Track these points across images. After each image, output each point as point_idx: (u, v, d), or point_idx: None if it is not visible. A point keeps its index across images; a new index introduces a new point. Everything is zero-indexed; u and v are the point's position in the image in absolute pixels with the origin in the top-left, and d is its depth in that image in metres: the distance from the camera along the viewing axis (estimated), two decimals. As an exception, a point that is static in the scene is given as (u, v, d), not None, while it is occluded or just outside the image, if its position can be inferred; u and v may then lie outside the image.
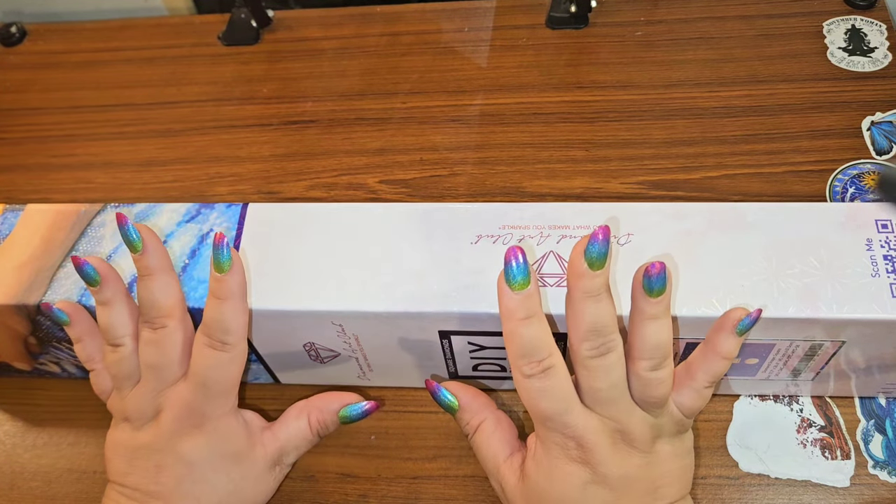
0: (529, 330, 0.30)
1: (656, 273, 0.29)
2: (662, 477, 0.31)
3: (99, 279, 0.33)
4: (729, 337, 0.31)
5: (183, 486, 0.33)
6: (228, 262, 0.32)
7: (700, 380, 0.32)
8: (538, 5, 0.57)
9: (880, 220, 0.34)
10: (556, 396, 0.30)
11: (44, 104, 0.57)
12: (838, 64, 0.51)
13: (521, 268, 0.29)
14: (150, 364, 0.33)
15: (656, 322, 0.30)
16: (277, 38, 0.59)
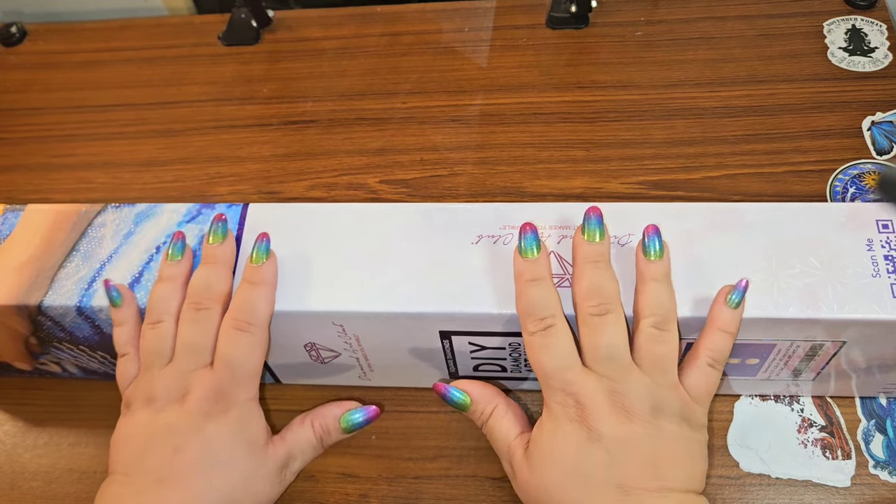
0: (535, 290, 0.32)
1: (650, 233, 0.32)
2: (665, 457, 0.31)
3: (181, 255, 0.36)
4: (724, 309, 0.32)
5: (198, 469, 0.33)
6: (266, 254, 0.35)
7: (703, 357, 0.32)
8: (538, 5, 0.57)
9: (881, 220, 0.34)
10: (556, 353, 0.31)
11: (44, 104, 0.57)
12: (839, 64, 0.51)
13: (533, 240, 0.33)
14: (188, 342, 0.34)
15: (657, 283, 0.32)
16: (277, 38, 0.59)
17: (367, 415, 0.36)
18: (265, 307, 0.34)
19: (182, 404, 0.33)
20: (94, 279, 0.37)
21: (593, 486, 0.30)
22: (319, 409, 0.37)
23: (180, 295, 0.35)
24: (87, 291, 0.37)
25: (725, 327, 0.32)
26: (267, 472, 0.34)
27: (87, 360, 0.41)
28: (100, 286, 0.37)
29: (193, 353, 0.34)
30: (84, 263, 0.38)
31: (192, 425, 0.33)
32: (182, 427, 0.33)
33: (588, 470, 0.30)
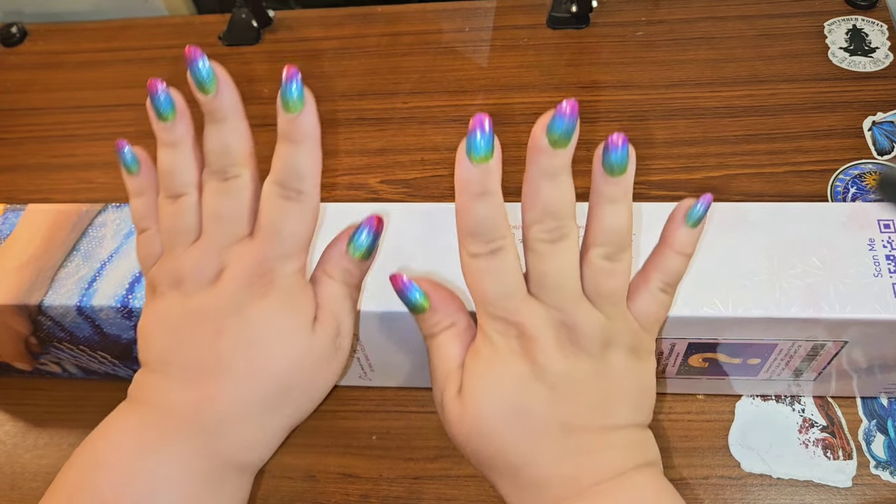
0: (484, 207, 0.27)
1: (616, 147, 0.26)
2: (613, 393, 0.28)
3: (173, 114, 0.30)
4: (681, 228, 0.28)
5: (245, 354, 0.28)
6: (301, 100, 0.28)
7: (654, 280, 0.29)
8: (539, 5, 0.57)
9: (882, 219, 0.34)
10: (501, 279, 0.27)
11: (44, 104, 0.57)
12: (839, 64, 0.51)
13: (485, 138, 0.26)
14: (217, 215, 0.29)
15: (614, 205, 0.27)
16: (278, 38, 0.59)
17: (368, 230, 0.30)
18: (313, 166, 0.29)
19: (218, 284, 0.28)
20: (94, 279, 0.37)
21: (534, 425, 0.27)
22: (322, 257, 0.31)
23: (194, 160, 0.30)
24: (87, 291, 0.37)
25: (682, 248, 0.28)
26: (321, 348, 0.29)
27: (88, 360, 0.41)
28: (100, 286, 0.37)
29: (226, 225, 0.29)
30: (84, 263, 0.37)
31: (232, 305, 0.28)
32: (221, 307, 0.28)
33: (529, 408, 0.27)
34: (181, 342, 0.29)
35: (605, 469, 0.27)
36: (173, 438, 0.28)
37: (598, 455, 0.28)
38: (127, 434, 0.28)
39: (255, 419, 0.28)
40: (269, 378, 0.28)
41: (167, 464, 0.27)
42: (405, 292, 0.30)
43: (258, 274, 0.28)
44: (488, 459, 0.29)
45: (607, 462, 0.28)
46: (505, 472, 0.28)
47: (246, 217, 0.29)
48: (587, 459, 0.28)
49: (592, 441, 0.28)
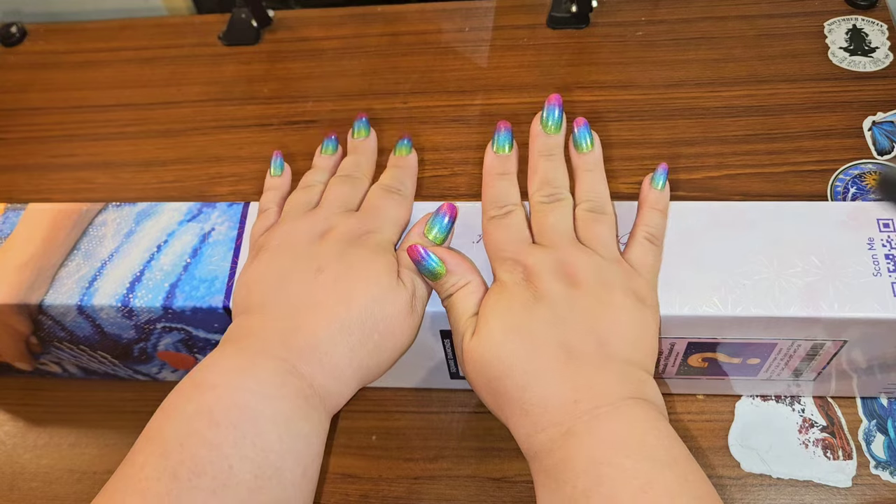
0: (502, 182, 0.35)
1: (580, 126, 0.35)
2: (609, 324, 0.30)
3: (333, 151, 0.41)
4: (652, 190, 0.35)
5: (338, 289, 0.32)
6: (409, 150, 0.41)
7: (640, 232, 0.34)
8: (539, 5, 0.57)
9: (882, 219, 0.34)
10: (511, 230, 0.33)
11: (44, 104, 0.57)
12: (839, 64, 0.51)
13: (506, 136, 0.36)
14: (334, 194, 0.37)
15: (590, 173, 0.35)
16: (278, 37, 0.59)
17: (445, 216, 0.35)
18: (412, 182, 0.38)
19: (322, 239, 0.34)
20: (94, 278, 0.37)
21: (537, 342, 0.30)
22: (405, 238, 0.36)
23: (329, 176, 0.39)
24: (87, 290, 0.37)
25: (656, 205, 0.34)
26: (400, 300, 0.33)
27: (88, 360, 0.41)
28: (101, 285, 0.37)
29: (339, 202, 0.36)
30: (85, 262, 0.37)
31: (336, 250, 0.33)
32: (322, 252, 0.33)
33: (531, 325, 0.30)
34: (283, 285, 0.33)
35: (601, 394, 0.29)
36: (266, 360, 0.30)
37: (595, 379, 0.29)
38: (226, 360, 0.30)
39: (338, 348, 0.31)
40: (353, 307, 0.32)
41: (262, 382, 0.29)
42: (423, 262, 0.33)
43: (358, 234, 0.34)
44: (498, 386, 0.30)
45: (604, 388, 0.29)
46: (511, 397, 0.30)
47: (356, 201, 0.37)
48: (584, 382, 0.29)
49: (590, 365, 0.30)
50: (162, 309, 0.36)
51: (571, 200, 0.34)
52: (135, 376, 0.43)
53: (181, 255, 0.37)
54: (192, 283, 0.36)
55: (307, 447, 0.30)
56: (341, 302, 0.32)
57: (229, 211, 0.38)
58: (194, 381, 0.30)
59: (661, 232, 0.34)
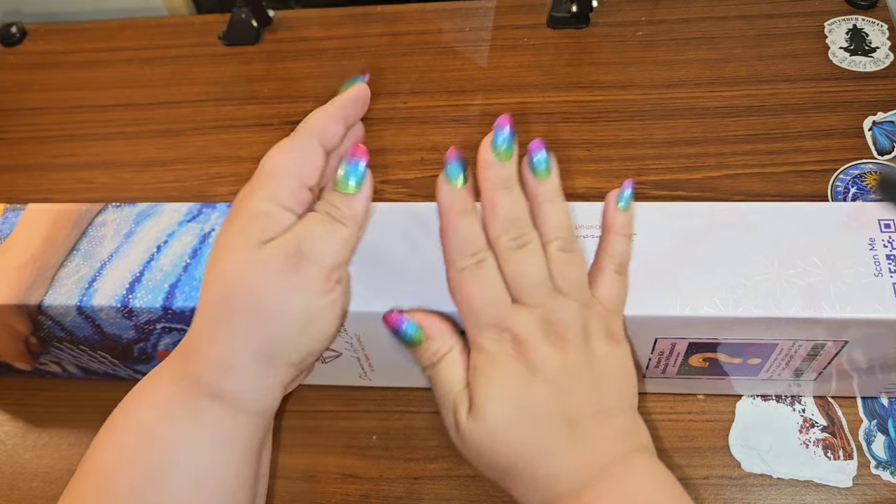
0: (465, 223, 0.30)
1: (537, 150, 0.31)
2: (602, 377, 0.30)
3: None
4: (617, 213, 0.32)
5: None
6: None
7: (607, 264, 0.32)
8: (539, 5, 0.57)
9: (883, 219, 0.34)
10: (489, 285, 0.30)
11: (44, 104, 0.57)
12: (840, 64, 0.51)
13: (461, 167, 0.30)
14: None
15: (552, 204, 0.31)
16: (278, 37, 0.58)
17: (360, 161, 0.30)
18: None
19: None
20: (94, 279, 0.37)
21: (541, 421, 0.29)
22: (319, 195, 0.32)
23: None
24: (87, 291, 0.36)
25: (621, 230, 0.32)
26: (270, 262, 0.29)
27: (88, 360, 0.41)
28: (100, 285, 0.37)
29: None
30: (84, 263, 0.37)
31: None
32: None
33: (533, 406, 0.29)
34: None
35: (606, 454, 0.29)
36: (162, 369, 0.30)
37: (599, 442, 0.29)
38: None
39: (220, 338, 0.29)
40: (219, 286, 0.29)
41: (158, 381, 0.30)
42: (400, 329, 0.32)
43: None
44: (505, 466, 0.30)
45: (607, 447, 0.29)
46: (520, 475, 0.30)
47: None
48: (589, 448, 0.29)
49: (591, 428, 0.29)
50: (162, 309, 0.36)
51: (538, 239, 0.30)
52: (135, 376, 0.43)
53: (181, 256, 0.37)
54: (192, 284, 0.36)
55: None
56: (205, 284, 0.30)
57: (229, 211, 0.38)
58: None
59: (627, 259, 0.32)
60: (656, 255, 0.34)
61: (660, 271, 0.34)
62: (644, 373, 0.38)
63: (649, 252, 0.34)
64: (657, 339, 0.35)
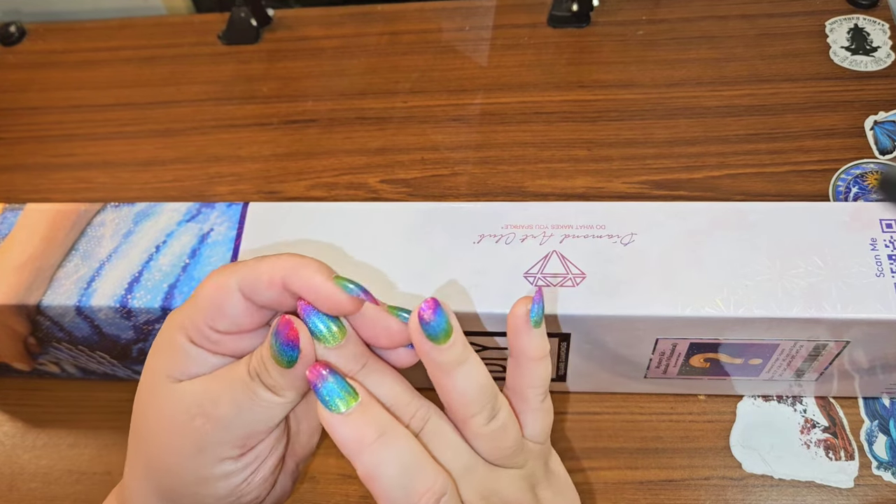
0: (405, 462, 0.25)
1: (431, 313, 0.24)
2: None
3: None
4: (528, 334, 0.26)
5: None
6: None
7: (531, 397, 0.27)
8: (539, 4, 0.57)
9: (884, 219, 0.34)
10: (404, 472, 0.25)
11: (43, 104, 0.57)
12: (841, 63, 0.51)
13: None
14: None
15: (463, 368, 0.25)
16: (277, 37, 0.58)
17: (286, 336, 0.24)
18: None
19: None
20: (93, 279, 0.37)
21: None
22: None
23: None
24: (86, 291, 0.36)
25: (537, 354, 0.26)
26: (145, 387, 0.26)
27: (87, 361, 0.41)
28: (99, 286, 0.36)
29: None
30: (83, 263, 0.37)
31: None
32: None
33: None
34: None
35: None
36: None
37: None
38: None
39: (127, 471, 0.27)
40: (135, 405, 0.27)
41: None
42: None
43: None
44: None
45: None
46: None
47: None
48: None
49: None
50: (160, 310, 0.36)
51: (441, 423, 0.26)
52: (134, 376, 0.43)
53: (180, 256, 0.37)
54: (191, 284, 0.36)
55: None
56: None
57: (228, 211, 0.38)
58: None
59: (548, 381, 0.27)
60: (657, 255, 0.34)
61: (661, 271, 0.34)
62: (645, 373, 0.38)
63: (650, 252, 0.34)
64: (658, 340, 0.34)
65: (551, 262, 0.34)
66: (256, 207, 0.38)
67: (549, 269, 0.34)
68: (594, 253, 0.34)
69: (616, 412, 0.40)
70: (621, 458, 0.38)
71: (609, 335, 0.35)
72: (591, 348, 0.36)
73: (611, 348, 0.36)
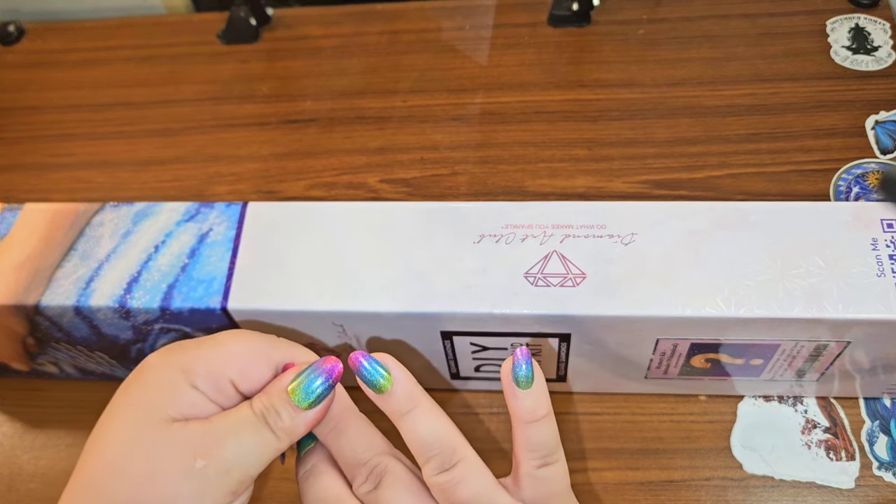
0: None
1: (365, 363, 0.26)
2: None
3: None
4: (514, 396, 0.26)
5: None
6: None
7: (523, 461, 0.27)
8: (540, 3, 0.57)
9: (885, 219, 0.34)
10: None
11: (42, 103, 0.57)
12: (842, 63, 0.50)
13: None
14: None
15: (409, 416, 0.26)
16: (277, 36, 0.58)
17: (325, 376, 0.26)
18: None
19: None
20: (91, 279, 0.37)
21: None
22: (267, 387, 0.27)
23: None
24: (84, 291, 0.36)
25: (534, 415, 0.26)
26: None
27: (85, 361, 0.41)
28: (98, 286, 0.36)
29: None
30: (82, 263, 0.37)
31: None
32: None
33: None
34: None
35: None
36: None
37: None
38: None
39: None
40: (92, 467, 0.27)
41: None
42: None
43: None
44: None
45: None
46: None
47: None
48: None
49: None
50: (159, 310, 0.36)
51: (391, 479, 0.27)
52: (133, 377, 0.43)
53: (179, 256, 0.37)
54: (190, 284, 0.36)
55: None
56: None
57: (227, 211, 0.38)
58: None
59: (554, 443, 0.27)
60: (658, 255, 0.34)
61: (661, 271, 0.33)
62: (646, 374, 0.37)
63: (651, 252, 0.34)
64: (659, 340, 0.34)
65: (551, 261, 0.34)
66: (256, 207, 0.38)
67: (549, 269, 0.34)
68: (594, 253, 0.34)
69: (616, 413, 0.40)
70: (622, 459, 0.38)
71: (609, 335, 0.34)
72: (592, 349, 0.36)
73: (611, 348, 0.35)
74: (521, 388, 0.26)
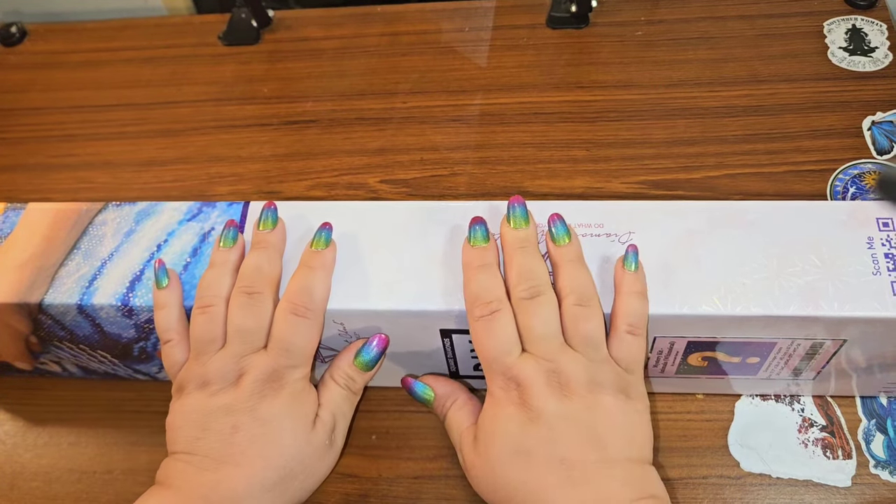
0: (483, 276, 0.33)
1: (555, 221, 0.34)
2: (605, 428, 0.31)
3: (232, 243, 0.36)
4: (626, 274, 0.33)
5: (255, 447, 0.33)
6: (327, 242, 0.35)
7: (620, 325, 0.33)
8: (539, 5, 0.57)
9: (881, 218, 0.34)
10: (499, 337, 0.32)
11: (44, 104, 0.57)
12: (839, 64, 0.51)
13: (480, 229, 0.34)
14: (241, 327, 0.34)
15: (572, 263, 0.33)
16: (278, 37, 0.59)
17: (377, 348, 0.36)
18: (322, 291, 0.34)
19: (237, 386, 0.34)
20: (94, 277, 0.37)
21: (536, 462, 0.31)
22: (332, 364, 0.37)
23: (231, 280, 0.35)
24: (87, 290, 0.37)
25: (631, 288, 0.33)
26: (318, 443, 0.35)
27: (88, 360, 0.41)
28: (101, 284, 0.37)
29: (246, 337, 0.34)
30: (85, 262, 0.37)
31: (248, 405, 0.34)
32: (239, 406, 0.34)
33: (530, 447, 0.31)
34: (204, 434, 0.34)
35: (607, 500, 0.30)
36: None
37: (601, 489, 0.31)
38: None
39: (259, 499, 0.33)
40: (275, 466, 0.34)
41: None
42: (413, 390, 0.38)
43: (270, 380, 0.34)
44: (503, 499, 0.32)
45: (608, 493, 0.31)
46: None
47: (263, 331, 0.34)
48: (589, 490, 0.31)
49: (592, 473, 0.31)
50: (162, 308, 0.36)
51: (553, 294, 0.33)
52: (135, 376, 0.43)
53: (181, 255, 0.37)
54: (192, 283, 0.36)
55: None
56: (259, 460, 0.33)
57: (229, 210, 0.38)
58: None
59: (642, 320, 0.33)
60: (655, 255, 0.34)
61: (658, 270, 0.34)
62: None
63: (648, 251, 0.34)
64: (655, 338, 0.35)
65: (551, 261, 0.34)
66: (257, 207, 0.38)
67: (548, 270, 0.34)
68: (592, 251, 0.34)
69: (615, 411, 0.40)
70: (620, 457, 0.38)
71: (607, 334, 0.35)
72: (590, 347, 0.36)
73: (609, 347, 0.36)
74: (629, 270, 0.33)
